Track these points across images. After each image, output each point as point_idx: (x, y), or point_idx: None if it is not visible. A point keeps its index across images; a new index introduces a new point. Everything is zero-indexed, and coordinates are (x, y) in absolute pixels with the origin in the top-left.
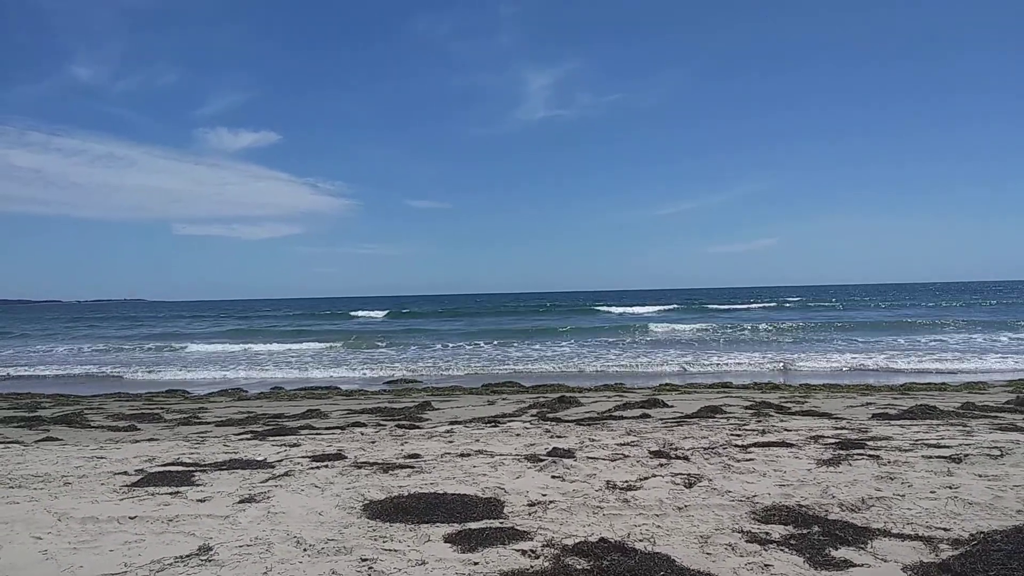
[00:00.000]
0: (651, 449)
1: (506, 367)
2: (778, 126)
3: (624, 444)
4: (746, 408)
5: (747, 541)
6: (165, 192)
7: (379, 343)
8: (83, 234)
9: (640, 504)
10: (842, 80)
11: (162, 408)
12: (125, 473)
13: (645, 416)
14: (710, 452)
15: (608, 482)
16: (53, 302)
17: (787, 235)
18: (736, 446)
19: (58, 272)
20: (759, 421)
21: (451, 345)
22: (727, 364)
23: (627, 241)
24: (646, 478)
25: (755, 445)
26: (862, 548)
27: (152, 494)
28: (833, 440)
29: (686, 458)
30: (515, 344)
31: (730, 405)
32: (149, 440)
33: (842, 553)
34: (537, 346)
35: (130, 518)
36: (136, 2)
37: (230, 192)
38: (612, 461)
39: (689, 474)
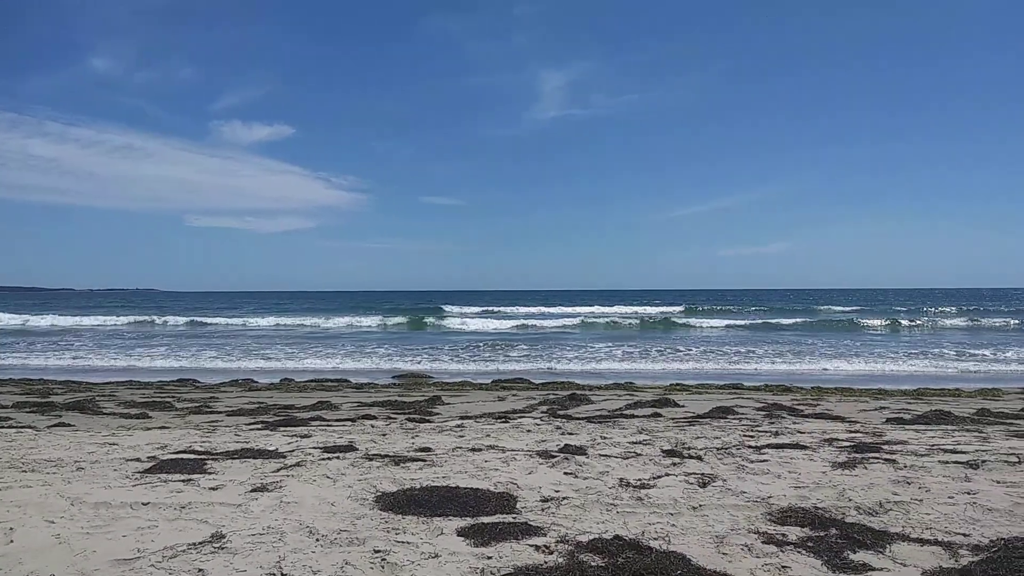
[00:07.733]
0: (664, 448)
1: (515, 364)
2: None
3: (636, 443)
4: (758, 410)
5: (763, 542)
6: (180, 183)
7: (385, 339)
8: (97, 223)
9: (654, 502)
10: (860, 84)
11: (173, 397)
12: (138, 460)
13: (656, 415)
14: (723, 452)
15: (621, 480)
16: (66, 290)
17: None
18: (749, 447)
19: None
20: (772, 423)
21: (463, 341)
22: (740, 366)
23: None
24: (659, 476)
25: (768, 447)
26: (881, 552)
27: (164, 481)
28: (848, 443)
29: (699, 458)
30: (530, 343)
31: (742, 406)
32: (161, 428)
33: (860, 556)
34: (544, 344)
35: (143, 504)
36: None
37: (243, 184)
38: (625, 459)
39: (703, 474)
